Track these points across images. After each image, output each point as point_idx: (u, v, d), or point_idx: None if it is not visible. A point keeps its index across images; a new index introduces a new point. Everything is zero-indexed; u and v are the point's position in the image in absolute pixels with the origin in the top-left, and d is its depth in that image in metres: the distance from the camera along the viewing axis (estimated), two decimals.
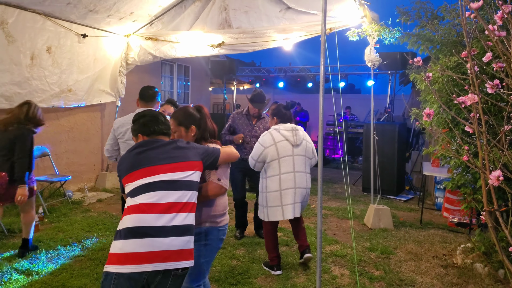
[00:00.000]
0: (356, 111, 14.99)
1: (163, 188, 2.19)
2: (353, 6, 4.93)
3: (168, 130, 2.49)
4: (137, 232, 2.07)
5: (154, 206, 2.13)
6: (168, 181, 2.22)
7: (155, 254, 2.06)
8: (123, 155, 2.37)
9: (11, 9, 5.01)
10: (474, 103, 1.45)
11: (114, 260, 2.07)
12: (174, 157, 2.30)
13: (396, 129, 7.92)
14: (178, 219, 2.17)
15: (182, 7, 6.24)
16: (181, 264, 2.14)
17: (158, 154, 2.29)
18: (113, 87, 7.36)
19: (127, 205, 2.19)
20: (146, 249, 2.05)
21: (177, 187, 2.22)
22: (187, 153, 2.36)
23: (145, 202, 2.13)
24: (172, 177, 2.23)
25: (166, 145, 2.35)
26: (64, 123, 7.04)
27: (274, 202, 4.04)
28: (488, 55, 1.65)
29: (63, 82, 6.03)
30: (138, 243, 2.05)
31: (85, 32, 6.14)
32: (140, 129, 2.42)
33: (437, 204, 7.19)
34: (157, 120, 2.44)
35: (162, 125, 2.43)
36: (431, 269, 4.41)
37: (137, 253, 2.04)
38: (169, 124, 2.53)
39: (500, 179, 1.26)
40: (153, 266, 2.05)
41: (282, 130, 4.06)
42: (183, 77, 11.80)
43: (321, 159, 3.34)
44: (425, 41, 4.59)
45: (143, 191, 2.17)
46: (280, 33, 5.79)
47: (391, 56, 8.92)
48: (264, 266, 4.35)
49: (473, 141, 1.86)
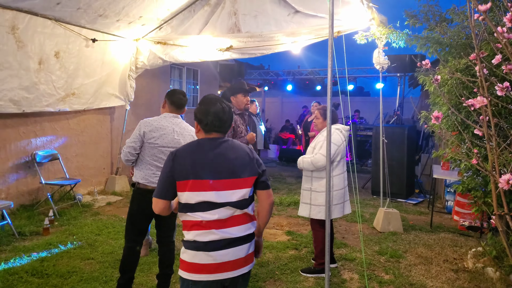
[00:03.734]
0: (365, 114, 14.94)
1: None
2: (361, 9, 4.92)
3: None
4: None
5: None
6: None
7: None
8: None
9: (22, 15, 5.07)
10: (484, 105, 1.43)
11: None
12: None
13: (406, 132, 7.87)
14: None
15: (191, 11, 6.27)
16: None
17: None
18: (122, 91, 7.42)
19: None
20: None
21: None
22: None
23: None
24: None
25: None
26: (74, 127, 7.10)
27: (339, 200, 4.26)
28: (497, 58, 1.64)
29: (68, 86, 6.08)
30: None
31: (94, 36, 6.20)
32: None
33: (448, 207, 7.13)
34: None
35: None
36: (442, 273, 4.36)
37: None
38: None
39: (510, 183, 1.25)
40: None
41: (344, 131, 4.31)
42: (192, 81, 11.85)
43: (329, 163, 3.32)
44: (434, 43, 4.57)
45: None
46: (289, 37, 5.79)
47: (400, 59, 8.89)
48: (309, 273, 4.26)
49: (483, 144, 1.85)
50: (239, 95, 4.67)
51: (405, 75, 10.91)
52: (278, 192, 8.40)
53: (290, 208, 7.11)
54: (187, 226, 2.22)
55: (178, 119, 3.55)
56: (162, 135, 3.39)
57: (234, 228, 2.22)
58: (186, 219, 2.23)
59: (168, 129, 3.43)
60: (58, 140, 6.79)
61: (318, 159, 4.07)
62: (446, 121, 4.28)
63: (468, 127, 4.00)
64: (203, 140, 2.30)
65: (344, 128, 4.32)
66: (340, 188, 4.26)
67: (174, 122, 3.49)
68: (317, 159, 4.08)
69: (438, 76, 1.88)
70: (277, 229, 5.89)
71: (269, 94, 18.79)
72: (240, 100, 4.67)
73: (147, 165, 3.44)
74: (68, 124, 6.96)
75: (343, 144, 4.24)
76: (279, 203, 7.43)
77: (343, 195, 4.31)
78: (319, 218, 4.17)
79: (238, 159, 2.27)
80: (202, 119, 2.29)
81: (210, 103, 2.30)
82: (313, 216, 4.23)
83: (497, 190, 1.39)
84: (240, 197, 2.24)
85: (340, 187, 4.26)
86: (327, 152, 3.40)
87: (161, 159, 3.37)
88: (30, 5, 4.95)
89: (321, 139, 4.18)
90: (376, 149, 7.46)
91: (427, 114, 4.61)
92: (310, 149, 4.35)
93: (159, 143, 3.39)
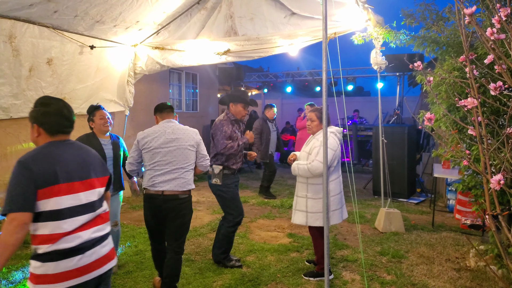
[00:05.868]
0: (365, 114, 14.92)
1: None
2: (357, 10, 4.92)
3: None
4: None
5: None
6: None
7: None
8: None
9: (20, 24, 5.08)
10: (474, 106, 1.44)
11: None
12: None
13: (406, 131, 7.86)
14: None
15: (188, 16, 6.28)
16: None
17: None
18: (121, 96, 7.42)
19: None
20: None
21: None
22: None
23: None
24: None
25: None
26: (73, 133, 7.10)
27: (336, 205, 4.17)
28: (489, 57, 1.64)
29: (59, 92, 6.07)
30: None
31: (92, 43, 6.21)
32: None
33: (449, 206, 7.11)
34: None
35: None
36: (444, 273, 4.35)
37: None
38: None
39: (501, 183, 1.25)
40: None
41: (338, 134, 4.20)
42: (191, 85, 11.87)
43: (326, 164, 3.32)
44: (431, 42, 4.56)
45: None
46: (285, 39, 5.79)
47: (398, 58, 8.90)
48: (311, 277, 4.24)
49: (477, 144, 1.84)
50: (239, 105, 4.53)
51: (404, 74, 10.90)
52: (279, 195, 8.39)
53: (291, 211, 7.09)
54: (48, 237, 2.05)
55: (171, 123, 3.68)
56: (154, 138, 3.54)
57: (98, 227, 2.25)
58: (45, 230, 2.06)
59: (160, 132, 3.57)
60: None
61: (316, 167, 3.92)
62: (444, 120, 4.27)
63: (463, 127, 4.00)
64: (52, 143, 2.22)
65: (338, 131, 4.21)
66: (337, 193, 4.17)
67: (167, 125, 3.64)
68: (315, 167, 3.93)
69: (431, 78, 1.88)
70: (279, 231, 5.89)
71: (269, 96, 18.79)
72: (239, 110, 4.54)
73: (147, 171, 3.59)
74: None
75: (338, 148, 4.15)
76: (280, 205, 7.43)
77: (340, 200, 4.23)
78: (318, 225, 4.08)
79: (92, 160, 2.34)
80: (44, 121, 2.21)
81: (49, 103, 2.27)
82: (310, 223, 4.13)
83: (490, 191, 1.39)
84: (99, 196, 2.31)
85: (337, 192, 4.18)
86: (324, 159, 3.35)
87: (158, 162, 3.51)
88: (27, 14, 4.96)
89: (317, 144, 4.02)
90: (377, 149, 7.46)
91: (425, 113, 4.60)
92: (304, 153, 4.18)
93: (152, 145, 3.51)
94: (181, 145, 3.55)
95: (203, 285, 4.07)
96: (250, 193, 8.66)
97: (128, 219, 6.45)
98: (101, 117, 4.14)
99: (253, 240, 5.46)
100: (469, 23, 1.36)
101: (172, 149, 3.52)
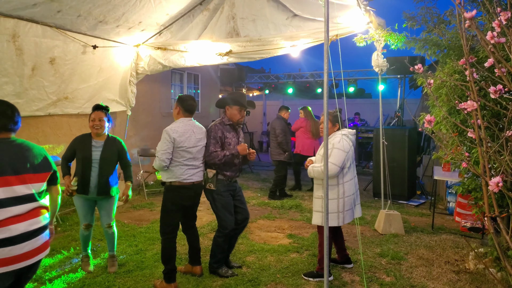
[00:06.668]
0: (366, 116, 14.94)
1: None
2: (359, 12, 4.94)
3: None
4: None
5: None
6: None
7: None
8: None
9: (23, 23, 5.11)
10: (474, 109, 1.45)
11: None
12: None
13: (406, 134, 7.87)
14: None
15: (190, 17, 6.31)
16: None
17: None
18: (123, 96, 7.45)
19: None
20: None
21: None
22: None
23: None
24: None
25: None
26: (76, 132, 7.09)
27: (349, 206, 4.25)
28: (489, 61, 1.66)
29: (61, 91, 6.10)
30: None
31: (95, 43, 6.24)
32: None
33: (449, 208, 7.12)
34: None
35: None
36: (443, 275, 4.36)
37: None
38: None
39: (500, 186, 1.26)
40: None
41: (350, 135, 4.29)
42: (193, 85, 11.89)
43: (327, 166, 3.34)
44: (432, 45, 4.58)
45: None
46: (287, 41, 5.82)
47: (399, 61, 8.92)
48: (311, 277, 4.27)
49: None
50: (234, 107, 4.24)
51: (406, 77, 10.93)
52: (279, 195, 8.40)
53: (292, 211, 7.12)
54: None
55: (192, 121, 4.15)
56: (188, 138, 3.98)
57: (34, 219, 2.45)
58: None
59: (189, 132, 4.02)
60: (60, 146, 6.83)
61: (329, 168, 3.98)
62: (445, 123, 4.29)
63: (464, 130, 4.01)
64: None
65: (350, 133, 4.29)
66: (351, 194, 4.23)
67: (191, 124, 4.10)
68: (333, 169, 4.05)
69: (431, 80, 1.90)
70: (279, 232, 5.90)
71: (270, 97, 18.81)
72: (233, 113, 4.25)
73: (178, 166, 3.96)
74: (70, 130, 6.99)
75: (351, 150, 4.22)
76: (280, 206, 7.44)
77: (353, 200, 4.29)
78: (332, 225, 4.16)
79: (32, 157, 2.53)
80: None
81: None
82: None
83: (489, 193, 1.41)
84: (37, 190, 2.51)
85: (351, 193, 4.24)
86: (325, 159, 3.38)
87: (189, 159, 4.00)
88: (31, 13, 5.00)
89: (329, 147, 4.10)
90: (377, 151, 7.47)
91: (426, 116, 4.61)
92: (319, 157, 4.29)
93: (186, 145, 3.96)
94: (204, 144, 4.14)
95: (203, 285, 4.09)
96: (250, 193, 8.68)
97: (129, 219, 6.47)
98: (92, 118, 4.17)
99: (253, 240, 5.48)
100: (469, 27, 1.38)
101: (199, 148, 4.08)
